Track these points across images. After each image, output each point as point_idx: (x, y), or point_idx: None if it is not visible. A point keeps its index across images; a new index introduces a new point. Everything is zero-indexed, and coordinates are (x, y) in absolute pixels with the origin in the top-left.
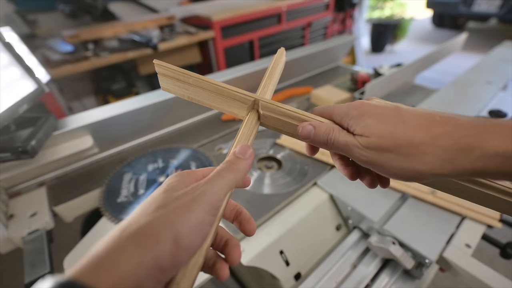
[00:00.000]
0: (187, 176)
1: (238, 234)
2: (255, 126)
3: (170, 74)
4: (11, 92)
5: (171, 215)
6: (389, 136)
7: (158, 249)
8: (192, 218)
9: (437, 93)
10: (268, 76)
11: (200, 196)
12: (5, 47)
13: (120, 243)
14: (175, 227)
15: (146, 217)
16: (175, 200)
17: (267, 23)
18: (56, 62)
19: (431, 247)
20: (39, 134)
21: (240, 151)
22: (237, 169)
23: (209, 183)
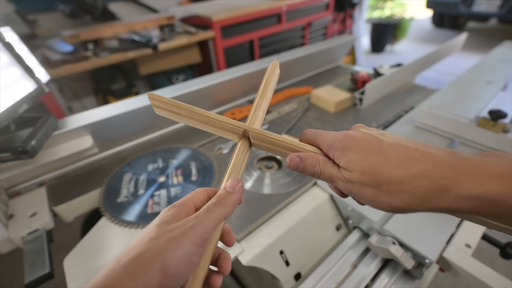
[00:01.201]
0: (179, 209)
1: (238, 234)
2: (247, 152)
3: (163, 106)
4: (11, 92)
5: (161, 246)
6: (370, 173)
7: (148, 277)
8: (179, 249)
9: (437, 93)
10: (260, 95)
11: (189, 230)
12: (5, 47)
13: (115, 272)
14: (163, 257)
15: (140, 248)
16: (166, 233)
17: (267, 23)
18: (56, 62)
19: (431, 247)
20: (39, 134)
21: (230, 185)
22: (226, 203)
23: (198, 217)
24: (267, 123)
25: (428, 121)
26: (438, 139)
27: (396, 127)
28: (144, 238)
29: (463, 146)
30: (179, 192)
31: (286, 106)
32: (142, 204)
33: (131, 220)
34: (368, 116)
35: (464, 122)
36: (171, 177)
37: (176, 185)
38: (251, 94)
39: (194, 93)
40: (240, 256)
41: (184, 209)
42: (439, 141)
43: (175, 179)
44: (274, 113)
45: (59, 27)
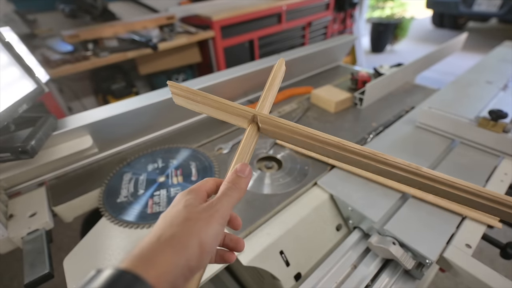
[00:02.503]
0: (197, 194)
1: (238, 234)
2: (255, 136)
3: (181, 93)
4: (10, 92)
5: (196, 227)
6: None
7: (189, 253)
8: (211, 229)
9: (437, 93)
10: (268, 88)
11: (215, 213)
12: (5, 47)
13: (159, 247)
14: (200, 236)
15: (177, 227)
16: (198, 214)
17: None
18: (55, 62)
19: (431, 247)
20: (38, 134)
21: (241, 169)
22: (239, 187)
23: (220, 202)
24: None
25: (428, 121)
26: (438, 139)
27: (396, 127)
28: (177, 219)
29: (463, 146)
30: (179, 192)
31: (286, 106)
32: (142, 204)
33: (131, 220)
34: (368, 116)
35: (464, 122)
36: (171, 177)
37: (176, 185)
38: (251, 94)
39: None
40: (240, 256)
41: (200, 195)
42: (439, 141)
43: (175, 179)
44: (274, 113)
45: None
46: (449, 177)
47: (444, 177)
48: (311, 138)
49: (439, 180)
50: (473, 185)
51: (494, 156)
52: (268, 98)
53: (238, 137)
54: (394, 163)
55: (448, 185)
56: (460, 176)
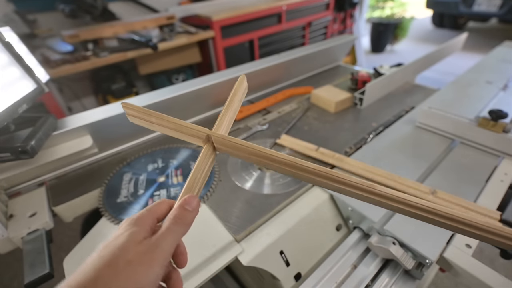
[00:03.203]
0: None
1: (238, 234)
2: (211, 156)
3: (136, 114)
4: (10, 92)
5: (138, 273)
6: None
7: None
8: (151, 274)
9: (437, 93)
10: (227, 106)
11: (157, 253)
12: (5, 47)
13: None
14: (140, 282)
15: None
16: (140, 256)
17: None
18: (55, 62)
19: (431, 247)
20: (38, 134)
21: (188, 202)
22: (186, 223)
23: (164, 239)
24: (267, 123)
25: (428, 121)
26: (438, 139)
27: (396, 127)
28: (118, 260)
29: (463, 146)
30: (179, 192)
31: (286, 106)
32: (142, 204)
33: None
34: (368, 116)
35: (464, 122)
36: (171, 177)
37: (176, 185)
38: (251, 94)
39: (194, 93)
40: (240, 256)
41: (146, 227)
42: (439, 141)
43: (175, 179)
44: (274, 113)
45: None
46: (402, 195)
47: (397, 195)
48: (267, 158)
49: (393, 198)
50: (428, 202)
51: (494, 156)
52: (226, 116)
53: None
54: (349, 181)
55: (402, 203)
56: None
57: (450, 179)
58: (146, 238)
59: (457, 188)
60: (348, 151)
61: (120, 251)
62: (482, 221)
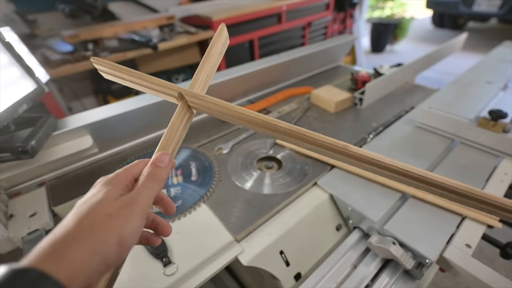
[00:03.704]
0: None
1: (238, 234)
2: (186, 114)
3: (107, 70)
4: (10, 92)
5: (116, 224)
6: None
7: (107, 251)
8: (131, 225)
9: (437, 93)
10: (203, 60)
11: (135, 207)
12: (5, 47)
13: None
14: (120, 234)
15: (95, 223)
16: (117, 210)
17: (267, 23)
18: (55, 62)
19: (431, 247)
20: (38, 134)
21: (160, 159)
22: (159, 179)
23: (140, 195)
24: None
25: (428, 121)
26: (438, 139)
27: (396, 127)
28: (96, 214)
29: (463, 146)
30: (179, 192)
31: (286, 106)
32: None
33: None
34: (368, 116)
35: (464, 122)
36: (171, 177)
37: (176, 185)
38: (251, 94)
39: None
40: (240, 256)
41: (122, 186)
42: (439, 141)
43: (175, 179)
44: (274, 113)
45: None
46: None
47: (371, 156)
48: (241, 118)
49: (367, 160)
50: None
51: (494, 156)
52: (202, 72)
53: (238, 137)
54: (321, 142)
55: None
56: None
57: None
58: (122, 195)
59: None
60: None
61: (98, 205)
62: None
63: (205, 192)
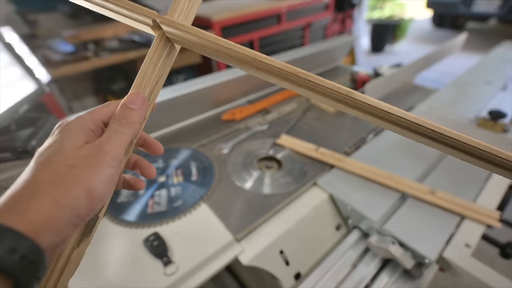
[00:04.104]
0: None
1: (238, 234)
2: (165, 48)
3: None
4: (11, 92)
5: (83, 175)
6: None
7: (74, 203)
8: (101, 175)
9: (437, 93)
10: None
11: (104, 155)
12: (6, 47)
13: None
14: (88, 184)
15: (58, 174)
16: (83, 159)
17: (267, 23)
18: (56, 62)
19: (430, 247)
20: (39, 134)
21: (131, 100)
22: (131, 122)
23: (109, 141)
24: (267, 123)
25: None
26: None
27: None
28: (59, 164)
29: None
30: (179, 192)
31: (286, 106)
32: (142, 204)
33: (131, 220)
34: None
35: (464, 122)
36: (171, 177)
37: (176, 185)
38: (251, 94)
39: (194, 93)
40: (240, 256)
41: (88, 127)
42: None
43: (175, 179)
44: (274, 113)
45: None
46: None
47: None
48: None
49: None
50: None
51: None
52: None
53: (238, 137)
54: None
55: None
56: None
57: (450, 179)
58: (88, 142)
59: (456, 188)
60: (348, 151)
61: (59, 155)
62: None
63: (205, 192)
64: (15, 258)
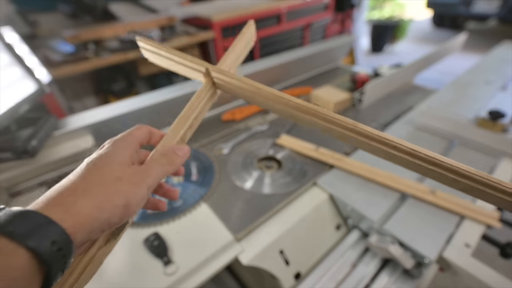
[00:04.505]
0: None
1: (238, 234)
2: (209, 92)
3: (149, 48)
4: (12, 92)
5: (126, 188)
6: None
7: (113, 211)
8: (139, 193)
9: (437, 93)
10: (229, 50)
11: (146, 178)
12: (6, 47)
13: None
14: (128, 198)
15: (106, 184)
16: (129, 176)
17: (267, 24)
18: (56, 62)
19: (430, 247)
20: (39, 134)
21: (180, 148)
22: (174, 164)
23: (152, 169)
24: (267, 123)
25: (428, 121)
26: (437, 139)
27: (395, 127)
28: (108, 175)
29: (462, 146)
30: (179, 192)
31: None
32: None
33: None
34: (367, 116)
35: (464, 122)
36: (171, 177)
37: (177, 184)
38: None
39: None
40: (240, 255)
41: (132, 147)
42: (439, 141)
43: (175, 179)
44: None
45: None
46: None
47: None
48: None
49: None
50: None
51: (493, 156)
52: (228, 58)
53: (238, 137)
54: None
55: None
56: None
57: None
58: (132, 161)
59: None
60: (348, 151)
61: (107, 167)
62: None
63: (206, 192)
64: (54, 250)
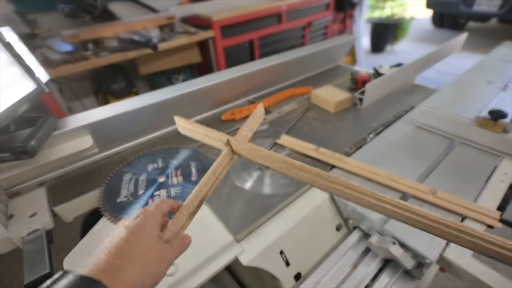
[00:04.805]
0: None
1: (238, 234)
2: (227, 156)
3: (183, 125)
4: (10, 92)
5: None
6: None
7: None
8: (164, 266)
9: (437, 93)
10: (245, 124)
11: (169, 256)
12: (5, 47)
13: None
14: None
15: (144, 255)
16: (160, 251)
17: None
18: (56, 62)
19: (431, 247)
20: (38, 134)
21: (187, 237)
22: (184, 249)
23: (171, 249)
24: (267, 123)
25: (428, 121)
26: (438, 139)
27: (396, 127)
28: (142, 247)
29: (463, 146)
30: (179, 192)
31: (286, 106)
32: (142, 204)
33: None
34: (368, 116)
35: (464, 122)
36: (171, 177)
37: (176, 185)
38: (251, 94)
39: (194, 93)
40: (240, 256)
41: (159, 220)
42: (439, 141)
43: (175, 179)
44: (274, 113)
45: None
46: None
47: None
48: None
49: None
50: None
51: (494, 156)
52: (244, 130)
53: None
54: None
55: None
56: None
57: (450, 179)
58: (158, 232)
59: (457, 188)
60: (348, 151)
61: (141, 236)
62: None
63: None
64: None
